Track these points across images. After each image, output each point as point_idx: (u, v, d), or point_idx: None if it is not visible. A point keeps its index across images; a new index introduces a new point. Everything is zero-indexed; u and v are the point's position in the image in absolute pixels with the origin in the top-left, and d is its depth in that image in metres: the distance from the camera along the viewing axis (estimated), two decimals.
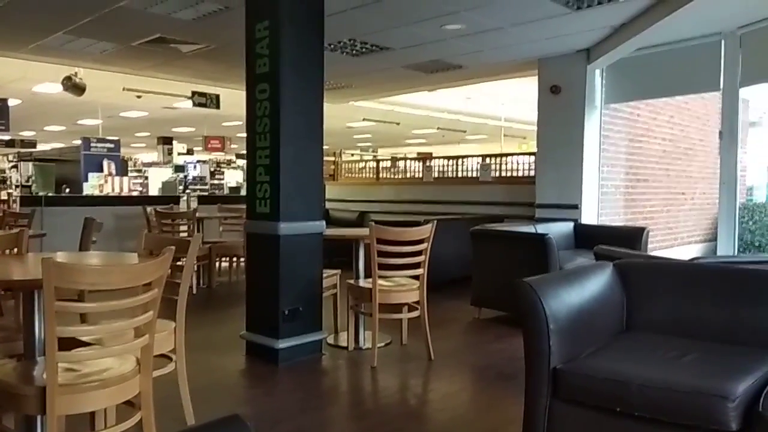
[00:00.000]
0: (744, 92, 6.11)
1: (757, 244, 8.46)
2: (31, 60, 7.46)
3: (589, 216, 6.87)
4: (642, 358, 2.35)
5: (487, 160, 8.62)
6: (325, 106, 4.37)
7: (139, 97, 10.45)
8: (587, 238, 6.16)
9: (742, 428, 1.93)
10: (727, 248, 6.14)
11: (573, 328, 2.38)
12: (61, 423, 2.27)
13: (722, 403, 1.93)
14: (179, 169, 15.51)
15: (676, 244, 8.64)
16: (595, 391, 2.18)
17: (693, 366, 2.22)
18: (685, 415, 2.00)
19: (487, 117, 14.94)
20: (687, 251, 8.55)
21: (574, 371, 2.24)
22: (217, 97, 9.56)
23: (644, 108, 7.82)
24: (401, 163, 10.80)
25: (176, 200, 8.59)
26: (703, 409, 1.96)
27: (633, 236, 6.00)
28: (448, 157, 9.40)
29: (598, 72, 6.87)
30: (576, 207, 6.79)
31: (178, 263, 2.82)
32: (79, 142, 14.07)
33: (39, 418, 2.25)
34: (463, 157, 9.20)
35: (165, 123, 15.27)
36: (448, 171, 9.19)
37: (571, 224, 6.58)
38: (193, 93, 9.41)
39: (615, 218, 7.30)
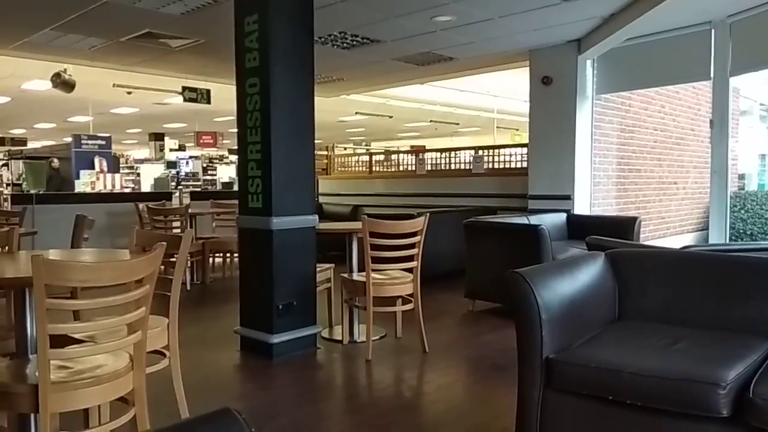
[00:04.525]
0: (734, 81, 6.12)
1: (749, 232, 8.51)
2: (19, 57, 7.40)
3: (582, 206, 6.89)
4: (634, 346, 2.37)
5: (480, 152, 8.62)
6: (317, 99, 4.36)
7: (129, 93, 10.37)
8: (580, 228, 6.17)
9: (733, 414, 1.95)
10: (718, 237, 6.17)
11: (565, 318, 2.39)
12: (54, 421, 2.26)
13: (713, 390, 1.94)
14: (171, 165, 15.44)
15: (668, 233, 8.68)
16: (587, 380, 2.19)
17: (684, 354, 2.24)
18: (676, 403, 2.01)
19: (480, 109, 14.93)
20: (679, 240, 8.59)
21: (567, 361, 2.25)
22: (208, 92, 9.51)
23: (636, 98, 7.83)
24: (394, 157, 10.78)
25: (168, 196, 8.54)
26: (694, 396, 1.98)
27: (625, 226, 6.02)
28: (441, 150, 9.40)
29: (589, 62, 6.87)
30: (568, 198, 6.81)
31: (171, 259, 2.82)
32: (69, 139, 13.98)
33: (32, 416, 2.25)
34: (456, 149, 9.21)
35: (156, 119, 15.19)
36: (441, 164, 9.19)
37: (563, 215, 6.60)
38: (184, 88, 9.36)
39: (607, 208, 7.32)
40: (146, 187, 12.88)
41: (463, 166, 8.85)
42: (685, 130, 9.10)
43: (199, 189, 13.59)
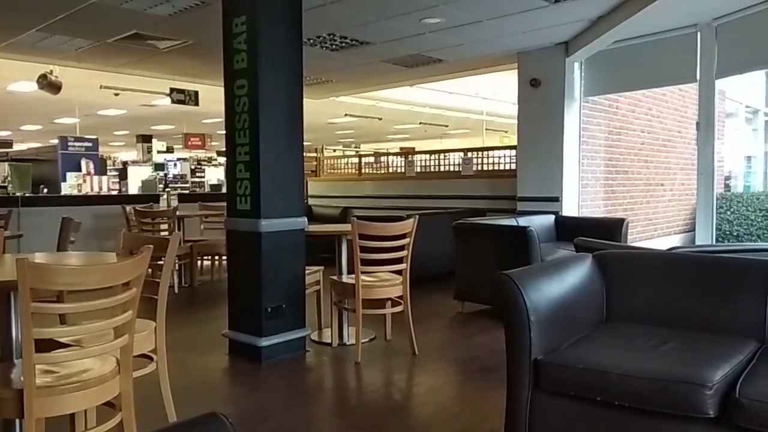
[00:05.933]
0: (720, 83, 6.18)
1: (735, 233, 8.59)
2: (5, 58, 7.33)
3: (570, 208, 6.93)
4: (621, 347, 2.38)
5: (469, 154, 8.64)
6: (306, 101, 4.35)
7: (116, 94, 10.31)
8: (568, 230, 6.21)
9: (720, 414, 1.96)
10: (705, 238, 6.22)
11: (553, 319, 2.39)
12: (40, 426, 2.23)
13: (700, 390, 1.95)
14: (159, 167, 15.35)
15: (655, 234, 8.74)
16: (575, 381, 2.20)
17: (671, 354, 2.25)
18: (664, 403, 2.02)
19: (469, 111, 14.98)
20: (667, 242, 8.65)
21: (555, 362, 2.26)
22: (196, 93, 9.46)
23: (623, 100, 7.89)
24: (384, 159, 10.79)
25: (156, 199, 8.49)
26: (681, 396, 1.99)
27: (613, 228, 6.05)
28: (431, 152, 9.41)
29: (576, 65, 6.91)
30: (557, 199, 6.84)
31: (159, 262, 2.79)
32: (56, 141, 13.87)
33: (17, 421, 2.22)
34: (445, 151, 9.22)
35: (144, 121, 15.10)
36: (430, 166, 9.20)
37: (552, 217, 6.62)
38: (172, 90, 9.30)
39: (595, 210, 7.37)
40: (134, 189, 12.78)
41: (452, 168, 8.87)
42: (672, 132, 9.18)
43: (187, 191, 13.53)
